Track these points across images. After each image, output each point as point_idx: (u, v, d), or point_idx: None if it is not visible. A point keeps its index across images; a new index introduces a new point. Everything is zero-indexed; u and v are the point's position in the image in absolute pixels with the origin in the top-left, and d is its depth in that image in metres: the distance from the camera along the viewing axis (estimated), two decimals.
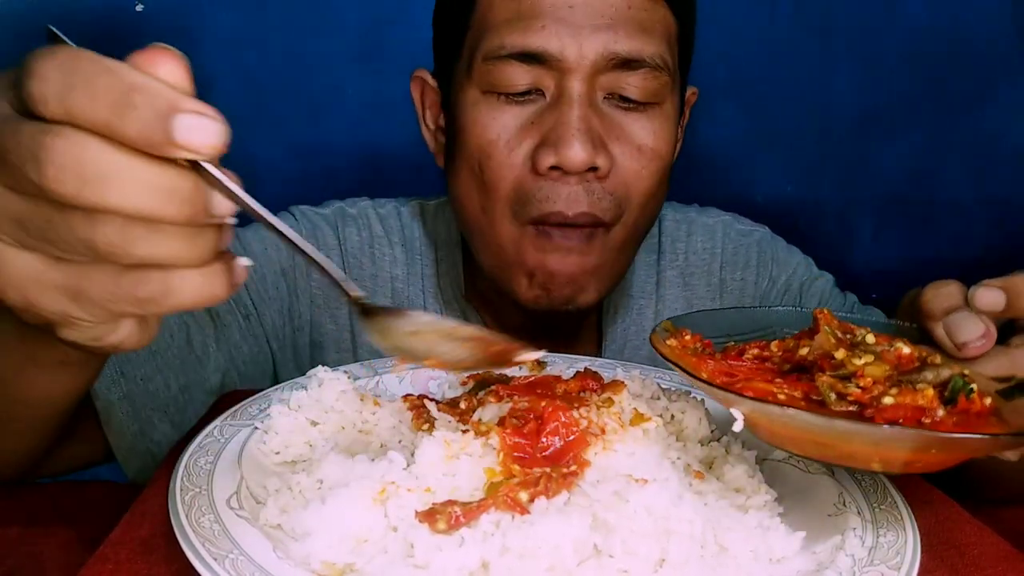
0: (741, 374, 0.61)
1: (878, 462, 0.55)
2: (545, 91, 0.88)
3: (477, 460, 0.58)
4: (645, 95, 0.89)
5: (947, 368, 0.57)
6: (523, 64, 0.86)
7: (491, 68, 0.87)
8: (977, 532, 0.64)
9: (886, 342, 0.60)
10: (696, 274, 1.16)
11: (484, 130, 0.89)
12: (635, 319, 1.13)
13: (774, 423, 0.56)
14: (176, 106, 0.40)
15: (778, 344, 0.64)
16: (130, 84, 0.40)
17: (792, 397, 0.56)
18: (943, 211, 1.57)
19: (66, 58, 0.41)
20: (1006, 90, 1.50)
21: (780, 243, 1.20)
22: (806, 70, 1.47)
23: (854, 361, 0.56)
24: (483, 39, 0.88)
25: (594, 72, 0.86)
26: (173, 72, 0.43)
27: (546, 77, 0.87)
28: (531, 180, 0.88)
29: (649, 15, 0.88)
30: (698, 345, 0.66)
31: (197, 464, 0.60)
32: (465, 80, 0.91)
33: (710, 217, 1.20)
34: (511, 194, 0.89)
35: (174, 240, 0.42)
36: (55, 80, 0.40)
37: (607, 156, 0.87)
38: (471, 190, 0.92)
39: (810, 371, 0.59)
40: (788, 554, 0.56)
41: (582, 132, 0.85)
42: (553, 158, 0.85)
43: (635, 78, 0.88)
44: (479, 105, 0.90)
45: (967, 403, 0.55)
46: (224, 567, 0.47)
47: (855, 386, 0.55)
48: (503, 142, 0.88)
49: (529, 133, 0.88)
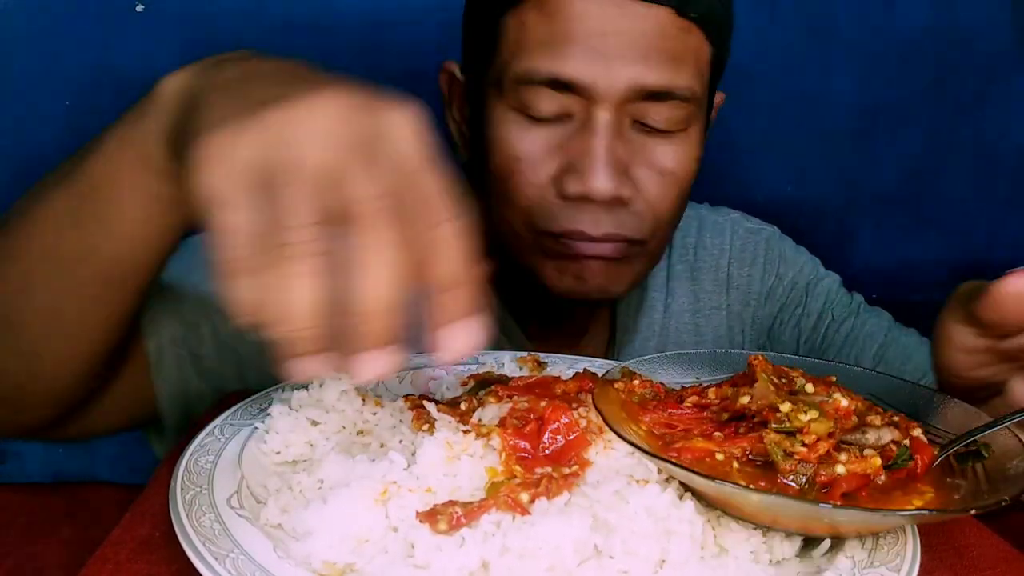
0: (681, 423, 0.62)
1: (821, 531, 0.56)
2: (573, 115, 0.88)
3: (478, 461, 0.58)
4: (669, 124, 0.89)
5: (887, 432, 0.58)
6: (553, 90, 0.86)
7: (521, 91, 0.87)
8: (977, 533, 0.64)
9: (824, 391, 0.61)
10: (704, 269, 1.17)
11: (511, 148, 0.89)
12: (646, 311, 1.14)
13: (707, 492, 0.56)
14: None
15: (715, 391, 0.64)
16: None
17: (730, 455, 0.57)
18: (943, 211, 1.57)
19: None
20: (1006, 90, 1.50)
21: (788, 242, 1.22)
22: (806, 70, 1.47)
23: (800, 417, 0.56)
24: (514, 60, 0.88)
25: (623, 102, 0.86)
26: None
27: (575, 103, 0.87)
28: (555, 201, 0.89)
29: (683, 44, 0.87)
30: (648, 391, 0.66)
31: (198, 463, 0.60)
32: (495, 93, 0.91)
33: (720, 215, 1.21)
34: (531, 208, 0.90)
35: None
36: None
37: (631, 185, 0.88)
38: (493, 199, 0.93)
39: (748, 420, 0.59)
40: (788, 556, 0.56)
41: (608, 163, 0.85)
42: (580, 187, 0.86)
43: (662, 108, 0.87)
44: (507, 122, 0.90)
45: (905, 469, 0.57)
46: (225, 567, 0.47)
47: (800, 443, 0.55)
48: (528, 161, 0.89)
49: (555, 156, 0.88)
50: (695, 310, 1.17)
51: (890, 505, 0.54)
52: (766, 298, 1.18)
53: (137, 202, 0.65)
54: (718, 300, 1.17)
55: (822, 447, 0.55)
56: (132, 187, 0.64)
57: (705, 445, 0.57)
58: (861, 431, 0.58)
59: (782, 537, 0.56)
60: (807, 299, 1.17)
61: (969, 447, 0.60)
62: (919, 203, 1.56)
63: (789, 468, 0.55)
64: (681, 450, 0.57)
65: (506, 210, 0.92)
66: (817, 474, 0.55)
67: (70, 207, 0.68)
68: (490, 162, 0.92)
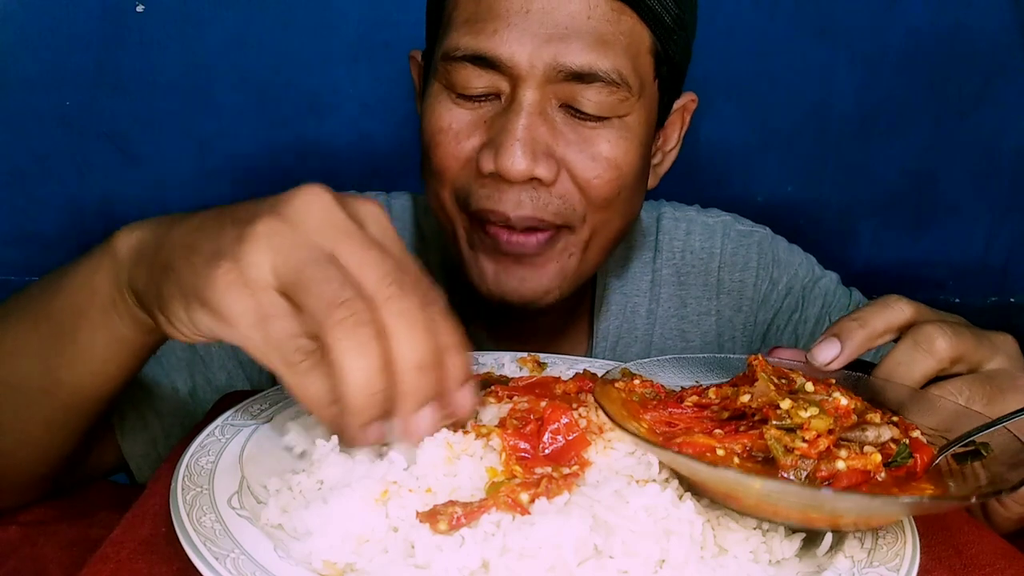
0: (682, 423, 0.62)
1: (824, 524, 0.56)
2: (501, 94, 0.86)
3: (478, 461, 0.58)
4: (600, 109, 0.86)
5: (887, 430, 0.58)
6: (477, 67, 0.85)
7: (448, 68, 0.86)
8: (975, 531, 0.64)
9: (824, 391, 0.61)
10: (692, 273, 1.14)
11: (437, 119, 0.88)
12: (628, 317, 1.12)
13: (708, 482, 0.57)
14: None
15: (716, 391, 0.64)
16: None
17: (730, 451, 0.57)
18: (943, 211, 1.57)
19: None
20: (1006, 90, 1.50)
21: (781, 244, 1.18)
22: (806, 70, 1.47)
23: (800, 413, 0.56)
24: (444, 37, 0.87)
25: (545, 81, 0.84)
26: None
27: (501, 81, 0.85)
28: (474, 177, 0.87)
29: (612, 27, 0.84)
30: (648, 391, 0.66)
31: (198, 464, 0.60)
32: (432, 72, 0.91)
33: (710, 217, 1.18)
34: (455, 183, 0.89)
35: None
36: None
37: (550, 164, 0.85)
38: (426, 175, 0.93)
39: (748, 418, 0.59)
40: (787, 555, 0.56)
41: (524, 142, 0.83)
42: (492, 164, 0.84)
43: (590, 92, 0.85)
44: (439, 97, 0.89)
45: (905, 467, 0.58)
46: (225, 566, 0.47)
47: (800, 439, 0.55)
48: (452, 133, 0.88)
49: (479, 131, 0.87)
50: (681, 315, 1.14)
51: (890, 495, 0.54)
52: (760, 304, 1.15)
53: (102, 344, 0.68)
54: (707, 305, 1.14)
55: (822, 443, 0.55)
56: (98, 331, 0.67)
57: (706, 441, 0.57)
58: (861, 428, 0.58)
59: (782, 537, 0.56)
60: (804, 304, 1.14)
61: (968, 447, 0.60)
62: (919, 203, 1.56)
63: (790, 463, 0.55)
64: (682, 445, 0.57)
65: (435, 184, 0.91)
66: (817, 469, 0.54)
67: (35, 345, 0.70)
68: (423, 137, 0.91)
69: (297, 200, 0.54)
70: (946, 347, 0.69)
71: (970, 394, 0.68)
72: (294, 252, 0.52)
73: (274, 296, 0.52)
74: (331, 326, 0.50)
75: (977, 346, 0.71)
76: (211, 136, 1.35)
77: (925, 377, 0.70)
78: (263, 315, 0.52)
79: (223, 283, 0.52)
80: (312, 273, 0.51)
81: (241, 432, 0.65)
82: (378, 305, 0.52)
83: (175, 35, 1.30)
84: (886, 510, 0.55)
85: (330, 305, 0.50)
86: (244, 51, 1.32)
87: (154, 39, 1.29)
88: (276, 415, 0.69)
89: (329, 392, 0.52)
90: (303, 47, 1.34)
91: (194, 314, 0.55)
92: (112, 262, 0.64)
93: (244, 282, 0.52)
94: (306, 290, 0.51)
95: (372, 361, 0.51)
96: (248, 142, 1.36)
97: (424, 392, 0.53)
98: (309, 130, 1.38)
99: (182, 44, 1.30)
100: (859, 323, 0.71)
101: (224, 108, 1.34)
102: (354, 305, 0.51)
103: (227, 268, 0.52)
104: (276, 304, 0.52)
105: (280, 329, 0.52)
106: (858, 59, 1.47)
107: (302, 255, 0.52)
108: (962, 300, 1.61)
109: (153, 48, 1.29)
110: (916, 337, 0.70)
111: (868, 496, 0.53)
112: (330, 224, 0.54)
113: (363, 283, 0.52)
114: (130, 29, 1.28)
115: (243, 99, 1.34)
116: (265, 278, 0.52)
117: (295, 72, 1.35)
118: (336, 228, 0.54)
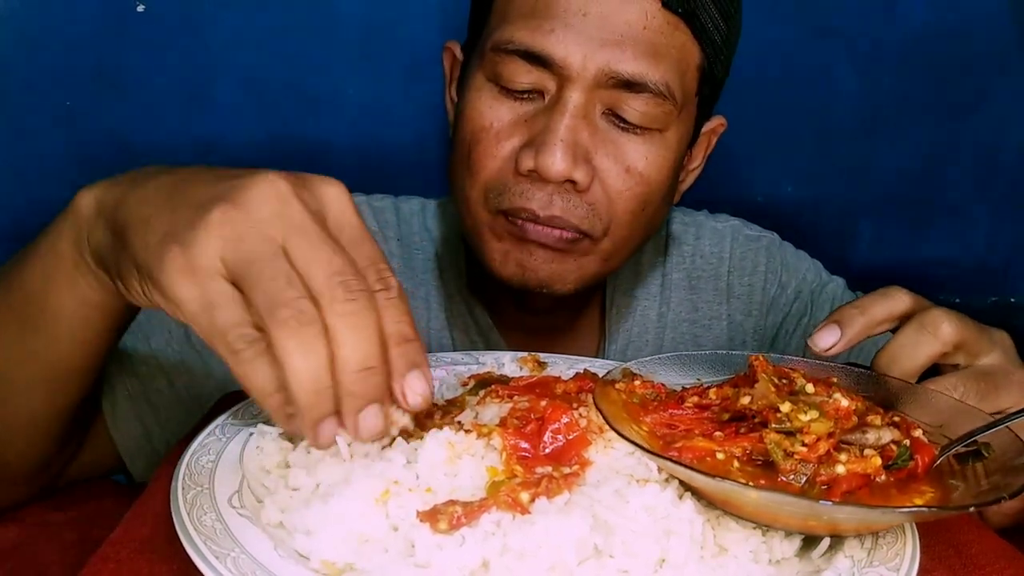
0: (682, 424, 0.62)
1: (821, 530, 0.56)
2: (545, 93, 0.87)
3: (479, 460, 0.58)
4: (643, 120, 0.86)
5: (888, 432, 0.59)
6: (527, 63, 0.85)
7: (497, 60, 0.86)
8: (975, 531, 0.64)
9: (824, 391, 0.61)
10: (703, 278, 1.15)
11: (479, 116, 0.88)
12: (638, 320, 1.12)
13: (707, 490, 0.56)
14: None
15: (716, 391, 0.64)
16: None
17: (730, 455, 0.57)
18: (943, 211, 1.57)
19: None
20: (1006, 90, 1.50)
21: (788, 249, 1.19)
22: (806, 70, 1.47)
23: (800, 417, 0.56)
24: (496, 28, 0.87)
25: (595, 86, 0.84)
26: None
27: (548, 80, 0.86)
28: (511, 176, 0.87)
29: (665, 39, 0.85)
30: (649, 392, 0.66)
31: (199, 463, 0.60)
32: (476, 62, 0.90)
33: (719, 222, 1.19)
34: (489, 182, 0.89)
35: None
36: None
37: (588, 170, 0.86)
38: (459, 170, 0.92)
39: (748, 419, 0.59)
40: (787, 555, 0.56)
41: (566, 143, 0.83)
42: (532, 162, 0.84)
43: (636, 101, 0.85)
44: (482, 91, 0.89)
45: (906, 469, 0.58)
46: (226, 565, 0.47)
47: (800, 443, 0.55)
48: (494, 132, 0.88)
49: (520, 130, 0.87)
50: (693, 320, 1.14)
51: (890, 504, 0.54)
52: (769, 308, 1.16)
53: (71, 309, 0.67)
54: (718, 310, 1.14)
55: (822, 447, 0.55)
56: (65, 295, 0.67)
57: (706, 445, 0.57)
58: (861, 431, 0.58)
59: (781, 537, 0.56)
60: (812, 308, 1.15)
61: (969, 447, 0.60)
62: (919, 203, 1.56)
63: (789, 468, 0.55)
64: (682, 449, 0.57)
65: (467, 182, 0.91)
66: (817, 474, 0.55)
67: (7, 316, 0.70)
68: (460, 131, 0.91)
69: (254, 188, 0.54)
70: (951, 331, 0.71)
71: (965, 389, 0.69)
72: (244, 243, 0.52)
73: (222, 284, 0.52)
74: (276, 324, 0.50)
75: (979, 335, 0.72)
76: (211, 136, 1.35)
77: (929, 360, 0.71)
78: (208, 302, 0.52)
79: (172, 267, 0.52)
80: (260, 268, 0.51)
81: (242, 431, 0.65)
82: (323, 305, 0.52)
83: (175, 35, 1.29)
84: (884, 520, 0.55)
85: (276, 303, 0.50)
86: (244, 51, 1.32)
87: (154, 39, 1.29)
88: None
89: (274, 381, 0.52)
90: (303, 47, 1.34)
91: (147, 289, 0.57)
92: (73, 222, 0.64)
93: (192, 269, 0.52)
94: (253, 284, 0.51)
95: (317, 360, 0.51)
96: (248, 142, 1.36)
97: (368, 392, 0.53)
98: (309, 130, 1.38)
99: (182, 44, 1.30)
100: (859, 311, 0.73)
101: (224, 108, 1.34)
102: (299, 304, 0.51)
103: (176, 253, 0.52)
104: (223, 292, 0.52)
105: (225, 318, 0.52)
106: (858, 59, 1.46)
107: (252, 247, 0.52)
108: (962, 300, 1.61)
109: (153, 48, 1.29)
110: (922, 320, 0.71)
111: (866, 507, 0.53)
112: (284, 216, 0.53)
113: (310, 281, 0.52)
114: (130, 29, 1.28)
115: (243, 99, 1.34)
116: (213, 266, 0.52)
117: (295, 72, 1.35)
118: (289, 221, 0.53)
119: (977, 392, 0.70)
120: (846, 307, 0.74)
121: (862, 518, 0.54)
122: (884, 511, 0.52)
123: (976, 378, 0.71)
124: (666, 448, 0.58)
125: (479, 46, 0.91)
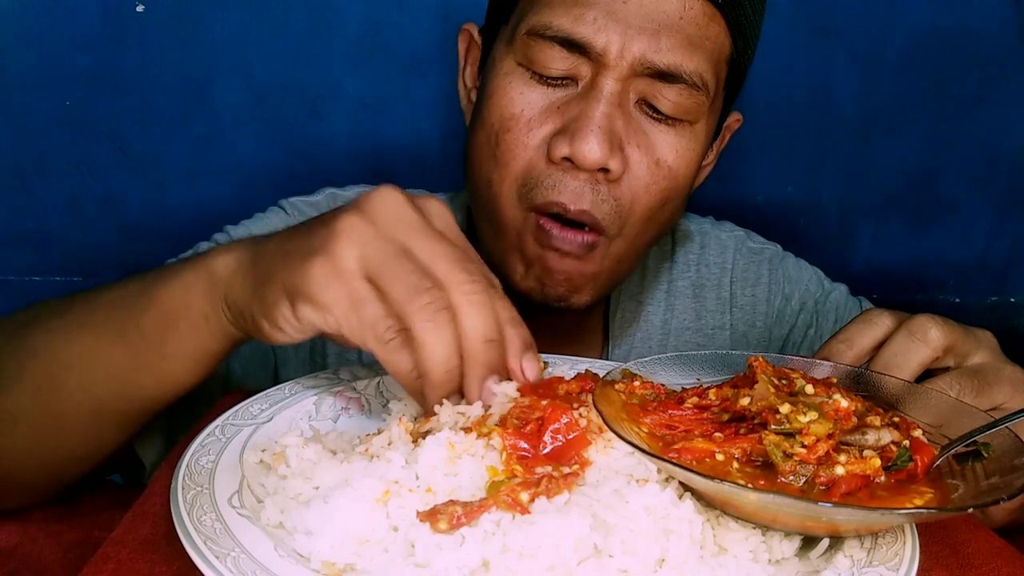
0: (682, 424, 0.62)
1: (820, 531, 0.56)
2: (579, 80, 0.86)
3: (479, 460, 0.58)
4: (676, 111, 0.86)
5: (887, 433, 0.59)
6: (564, 49, 0.84)
7: (532, 44, 0.85)
8: (973, 530, 0.64)
9: (824, 392, 0.61)
10: (707, 287, 1.15)
11: (510, 103, 0.87)
12: (642, 326, 1.12)
13: (707, 492, 0.57)
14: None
15: (716, 392, 0.64)
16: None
17: (730, 456, 0.57)
18: (943, 211, 1.57)
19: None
20: (1006, 90, 1.50)
21: (790, 260, 1.19)
22: (806, 70, 1.47)
23: (799, 418, 0.57)
24: (532, 12, 0.86)
25: (630, 74, 0.84)
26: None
27: (583, 67, 0.85)
28: (543, 165, 0.86)
29: (701, 31, 0.85)
30: (648, 392, 0.66)
31: (199, 463, 0.60)
32: (505, 47, 0.89)
33: (724, 231, 1.19)
34: (520, 174, 0.88)
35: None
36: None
37: (621, 160, 0.85)
38: (484, 159, 0.90)
39: (748, 420, 0.59)
40: (787, 555, 0.56)
41: (602, 130, 0.83)
42: (567, 149, 0.83)
43: (670, 91, 0.85)
44: (511, 76, 0.88)
45: (905, 470, 0.58)
46: (226, 565, 0.47)
47: (799, 445, 0.55)
48: (524, 120, 0.87)
49: (552, 117, 0.86)
50: (697, 328, 1.14)
51: (890, 505, 0.54)
52: (775, 320, 1.15)
53: (187, 354, 0.72)
54: (721, 319, 1.15)
55: (821, 448, 0.55)
56: (186, 342, 0.71)
57: (705, 446, 0.57)
58: (861, 432, 0.58)
59: (781, 537, 0.56)
60: (818, 319, 1.15)
61: (969, 447, 0.60)
62: (919, 203, 1.56)
63: (789, 469, 0.55)
64: (681, 451, 0.57)
65: (495, 175, 0.89)
66: (816, 475, 0.55)
67: (119, 354, 0.73)
68: (488, 119, 0.89)
69: (374, 199, 0.62)
70: (939, 335, 0.73)
71: (960, 388, 0.71)
72: (375, 244, 0.60)
73: (363, 283, 0.60)
74: (414, 311, 0.59)
75: (965, 336, 0.74)
76: (211, 136, 1.35)
77: (922, 366, 0.73)
78: (356, 300, 0.60)
79: (320, 275, 0.60)
80: (394, 264, 0.59)
81: (241, 431, 0.65)
82: (449, 289, 0.59)
83: (175, 35, 1.30)
84: (884, 521, 0.55)
85: (413, 294, 0.59)
86: (244, 51, 1.32)
87: (154, 39, 1.29)
88: (276, 415, 0.69)
89: (412, 364, 0.60)
90: (303, 47, 1.34)
91: (299, 309, 0.61)
92: (209, 280, 0.69)
93: (337, 273, 0.60)
94: (390, 280, 0.59)
95: (449, 339, 0.60)
96: (248, 142, 1.36)
97: (491, 361, 0.61)
98: (309, 130, 1.38)
99: (182, 44, 1.30)
100: (846, 344, 0.76)
101: (224, 108, 1.34)
102: (433, 293, 0.59)
103: (322, 262, 0.60)
104: (365, 290, 0.60)
105: (372, 312, 0.60)
106: (858, 59, 1.47)
107: (383, 247, 0.60)
108: (962, 300, 1.61)
109: (153, 48, 1.29)
110: (910, 327, 0.73)
111: (865, 509, 0.53)
112: (403, 220, 0.62)
113: (435, 271, 0.60)
114: (130, 29, 1.28)
115: (243, 99, 1.34)
116: (354, 268, 0.60)
117: (295, 72, 1.35)
118: (409, 223, 0.62)
119: (972, 389, 0.71)
120: (833, 342, 0.76)
121: (861, 519, 0.54)
122: (883, 512, 0.52)
123: (969, 376, 0.72)
124: (666, 449, 0.58)
125: (508, 30, 0.89)
